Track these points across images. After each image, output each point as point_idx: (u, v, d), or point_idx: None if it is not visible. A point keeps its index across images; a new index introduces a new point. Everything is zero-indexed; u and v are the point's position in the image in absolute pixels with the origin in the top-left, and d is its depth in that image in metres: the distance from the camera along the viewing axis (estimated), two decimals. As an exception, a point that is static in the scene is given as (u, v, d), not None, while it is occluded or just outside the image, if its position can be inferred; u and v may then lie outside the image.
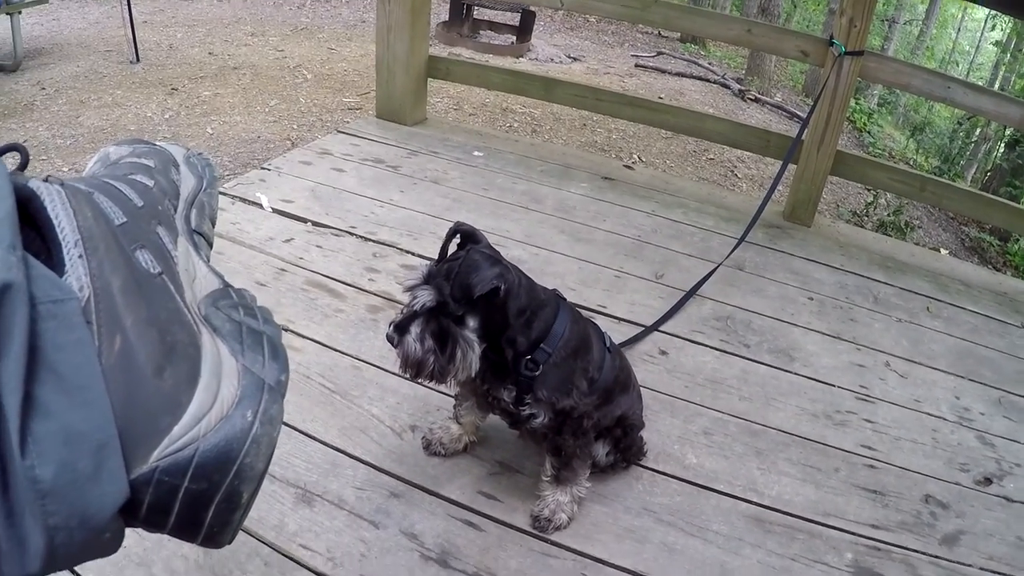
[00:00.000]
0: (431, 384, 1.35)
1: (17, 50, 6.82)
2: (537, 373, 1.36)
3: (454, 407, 1.63)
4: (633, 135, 7.64)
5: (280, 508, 1.49)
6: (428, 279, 1.27)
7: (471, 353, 1.28)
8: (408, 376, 1.30)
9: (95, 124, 5.72)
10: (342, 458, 1.64)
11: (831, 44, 2.87)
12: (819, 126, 3.01)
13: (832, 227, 3.28)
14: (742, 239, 2.74)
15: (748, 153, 6.59)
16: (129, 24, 7.27)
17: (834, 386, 2.13)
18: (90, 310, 0.43)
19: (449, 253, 1.33)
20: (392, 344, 1.28)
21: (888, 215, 7.58)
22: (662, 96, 9.10)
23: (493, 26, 11.13)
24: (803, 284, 2.66)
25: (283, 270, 2.32)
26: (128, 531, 0.46)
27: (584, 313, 1.59)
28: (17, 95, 6.20)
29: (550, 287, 1.48)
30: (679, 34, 14.54)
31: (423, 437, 1.68)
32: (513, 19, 10.92)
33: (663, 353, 2.15)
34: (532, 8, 10.42)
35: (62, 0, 9.93)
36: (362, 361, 1.95)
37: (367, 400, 1.81)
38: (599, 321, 1.63)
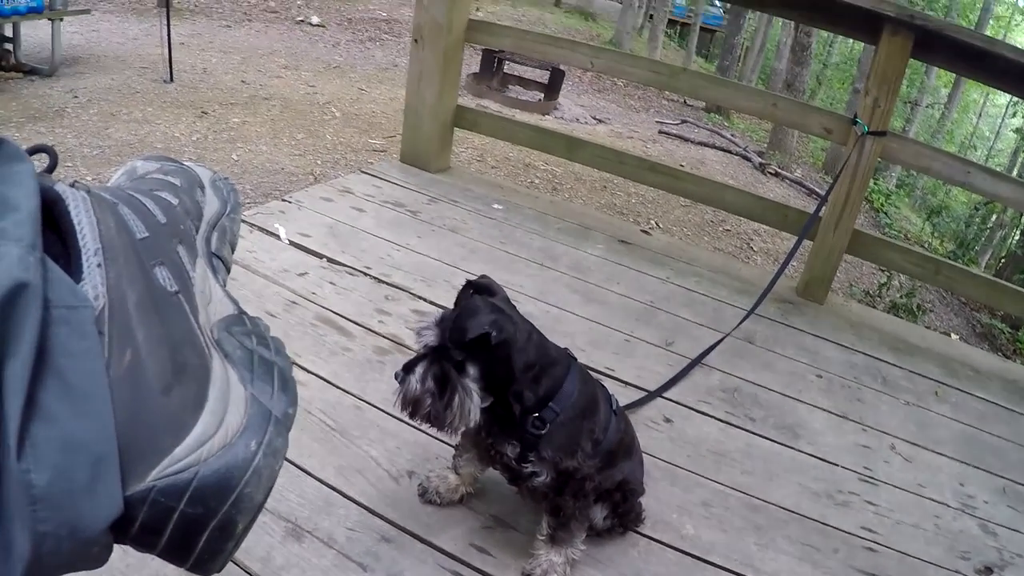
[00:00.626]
0: (431, 429, 1.34)
1: (55, 56, 6.97)
2: (544, 431, 1.35)
3: (453, 457, 1.61)
4: (652, 200, 7.70)
5: (269, 540, 1.47)
6: (438, 324, 1.29)
7: (469, 402, 1.28)
8: (405, 414, 1.30)
9: (123, 138, 5.81)
10: (336, 497, 1.61)
11: (854, 123, 2.89)
12: (838, 204, 3.01)
13: (844, 306, 3.27)
14: (752, 311, 2.72)
15: (765, 227, 6.62)
16: (167, 44, 7.46)
17: (837, 466, 2.09)
18: (103, 320, 0.43)
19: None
20: (397, 381, 1.29)
21: (901, 297, 7.57)
22: (683, 164, 9.20)
23: (522, 82, 11.36)
24: (812, 361, 2.64)
25: (294, 303, 2.32)
26: (114, 545, 0.45)
27: (591, 375, 1.58)
28: (50, 100, 6.31)
29: (560, 346, 1.47)
30: (704, 103, 14.77)
31: (419, 484, 1.66)
32: (542, 76, 11.14)
33: (667, 421, 2.13)
34: (562, 67, 10.61)
35: (103, 13, 10.19)
36: (365, 402, 1.93)
37: (367, 441, 1.79)
38: (606, 384, 1.61)
